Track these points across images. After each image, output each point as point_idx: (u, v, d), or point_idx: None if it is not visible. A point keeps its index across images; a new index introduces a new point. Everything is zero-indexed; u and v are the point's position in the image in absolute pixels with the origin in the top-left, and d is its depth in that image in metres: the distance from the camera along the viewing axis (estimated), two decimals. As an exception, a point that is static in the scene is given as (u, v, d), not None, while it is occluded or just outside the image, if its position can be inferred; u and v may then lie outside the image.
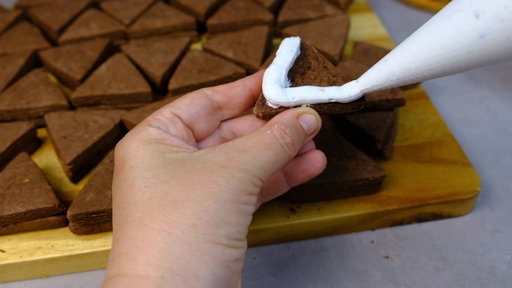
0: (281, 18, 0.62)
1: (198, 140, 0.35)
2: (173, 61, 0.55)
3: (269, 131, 0.30)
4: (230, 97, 0.34)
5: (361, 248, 0.42)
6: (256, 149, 0.29)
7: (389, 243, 0.42)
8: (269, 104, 0.33)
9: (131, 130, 0.31)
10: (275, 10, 0.65)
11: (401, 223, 0.43)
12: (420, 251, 0.41)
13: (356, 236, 0.43)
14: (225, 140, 0.36)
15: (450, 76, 0.59)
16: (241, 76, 0.53)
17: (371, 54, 0.55)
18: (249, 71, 0.55)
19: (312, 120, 0.33)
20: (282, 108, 0.33)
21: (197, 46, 0.62)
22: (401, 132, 0.49)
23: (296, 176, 0.35)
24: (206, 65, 0.54)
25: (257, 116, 0.33)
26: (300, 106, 0.33)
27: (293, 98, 0.32)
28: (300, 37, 0.57)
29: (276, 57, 0.34)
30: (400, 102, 0.47)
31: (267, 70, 0.33)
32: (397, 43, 0.62)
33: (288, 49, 0.34)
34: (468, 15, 0.26)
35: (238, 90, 0.34)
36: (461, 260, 0.41)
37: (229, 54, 0.56)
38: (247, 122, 0.36)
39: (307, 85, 0.34)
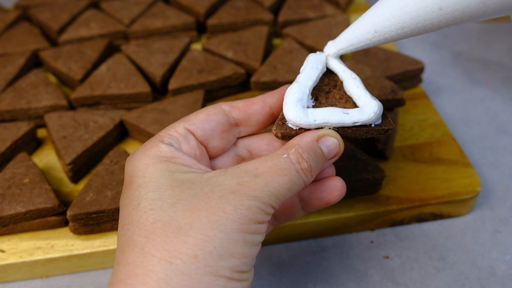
0: (281, 18, 0.62)
1: (212, 157, 0.33)
2: (173, 61, 0.55)
3: (285, 155, 0.29)
4: (248, 114, 0.33)
5: (361, 248, 0.42)
6: (269, 174, 0.28)
7: (389, 243, 0.42)
8: (289, 125, 0.31)
9: (143, 145, 0.30)
10: (275, 10, 0.65)
11: (401, 223, 0.43)
12: (420, 251, 0.41)
13: (356, 236, 0.43)
14: (241, 158, 0.35)
15: (450, 76, 0.59)
16: (241, 76, 0.53)
17: (371, 54, 0.55)
18: (249, 71, 0.55)
19: (333, 143, 0.31)
20: (303, 129, 0.31)
21: (197, 46, 0.62)
22: (401, 132, 0.49)
23: (312, 203, 0.33)
24: (206, 65, 0.54)
25: (276, 136, 0.32)
26: (322, 128, 0.31)
27: (315, 121, 0.30)
28: (300, 37, 0.58)
29: (299, 75, 0.32)
30: (400, 102, 0.47)
31: (289, 88, 0.32)
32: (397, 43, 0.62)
33: (313, 66, 0.33)
34: None
35: (257, 107, 0.33)
36: (461, 260, 0.41)
37: (229, 54, 0.56)
38: (265, 141, 0.34)
39: (331, 105, 0.32)
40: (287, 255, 0.42)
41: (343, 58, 0.56)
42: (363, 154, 0.43)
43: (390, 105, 0.47)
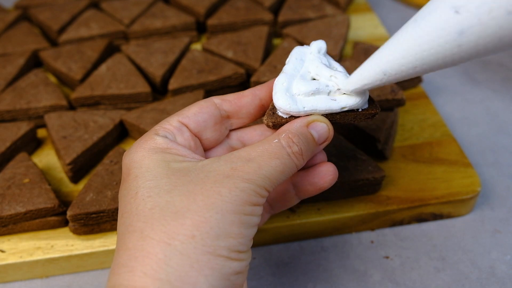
0: (281, 18, 0.62)
1: (206, 149, 0.34)
2: (173, 61, 0.55)
3: (276, 140, 0.30)
4: (239, 106, 0.34)
5: (361, 248, 0.42)
6: (261, 158, 0.29)
7: (389, 243, 0.42)
8: (280, 113, 0.32)
9: (139, 139, 0.31)
10: (275, 10, 0.65)
11: (401, 223, 0.43)
12: (420, 251, 0.41)
13: (356, 236, 0.43)
14: (234, 149, 0.35)
15: (450, 76, 0.59)
16: (241, 76, 0.53)
17: (371, 54, 0.55)
18: (249, 71, 0.55)
19: (323, 128, 0.32)
20: (293, 118, 0.32)
21: (197, 46, 0.62)
22: (401, 132, 0.49)
23: (305, 189, 0.34)
24: (206, 65, 0.54)
25: (267, 126, 0.33)
26: (311, 115, 0.32)
27: (304, 108, 0.31)
28: (300, 37, 0.58)
29: (285, 66, 0.33)
30: (400, 102, 0.47)
31: (277, 79, 0.33)
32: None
33: (297, 58, 0.34)
34: (447, 10, 0.24)
35: (247, 99, 0.34)
36: (461, 260, 0.41)
37: (229, 54, 0.56)
38: (257, 132, 0.35)
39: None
40: (287, 255, 0.42)
41: (343, 57, 0.56)
42: (363, 154, 0.43)
43: (390, 105, 0.47)
